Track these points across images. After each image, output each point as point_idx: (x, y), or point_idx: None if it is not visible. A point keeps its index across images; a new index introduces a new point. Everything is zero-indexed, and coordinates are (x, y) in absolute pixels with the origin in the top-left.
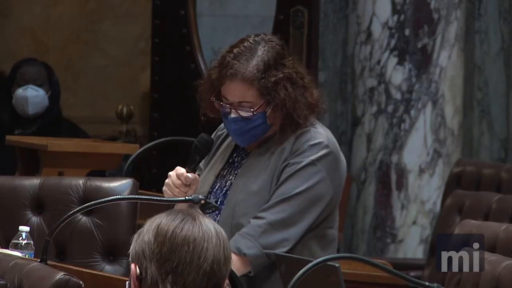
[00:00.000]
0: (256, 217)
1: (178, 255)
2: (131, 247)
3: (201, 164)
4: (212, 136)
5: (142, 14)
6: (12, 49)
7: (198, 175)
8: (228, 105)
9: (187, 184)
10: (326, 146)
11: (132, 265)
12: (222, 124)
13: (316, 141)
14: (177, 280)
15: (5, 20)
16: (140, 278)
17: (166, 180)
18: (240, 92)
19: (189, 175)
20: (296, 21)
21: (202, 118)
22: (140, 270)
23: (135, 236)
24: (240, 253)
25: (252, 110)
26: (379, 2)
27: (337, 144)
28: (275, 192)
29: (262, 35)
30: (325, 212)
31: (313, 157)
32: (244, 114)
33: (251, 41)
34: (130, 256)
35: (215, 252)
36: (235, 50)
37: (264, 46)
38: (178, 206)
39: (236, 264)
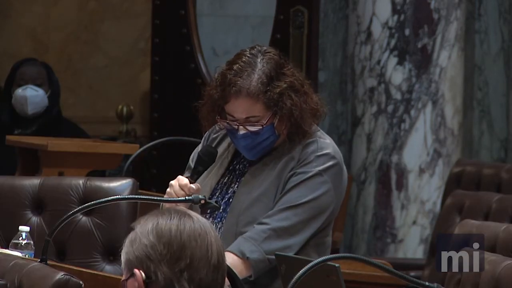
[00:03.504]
0: (261, 223)
1: (189, 252)
2: (126, 253)
3: (191, 164)
4: (205, 136)
5: (142, 14)
6: (12, 49)
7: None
8: (235, 122)
9: (190, 195)
10: (333, 157)
11: (136, 271)
12: (217, 126)
13: (323, 151)
14: (193, 276)
15: (5, 20)
16: (146, 282)
17: (168, 190)
18: (247, 108)
19: (193, 185)
20: (296, 21)
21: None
22: (146, 274)
23: (127, 243)
24: (243, 256)
25: (260, 123)
26: (379, 2)
27: (341, 154)
28: (281, 199)
29: (257, 47)
30: (326, 222)
31: (320, 168)
32: (252, 129)
33: (248, 55)
34: (127, 262)
35: (217, 244)
36: (235, 67)
37: (263, 59)
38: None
39: (238, 267)
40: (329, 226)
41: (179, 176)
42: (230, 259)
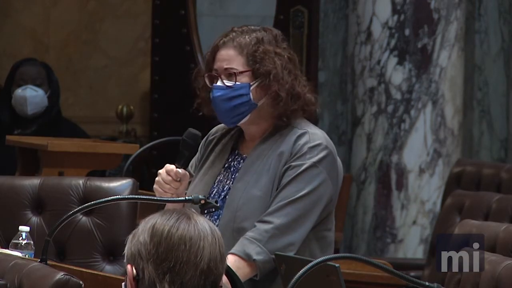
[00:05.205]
0: (262, 221)
1: (175, 254)
2: (126, 248)
3: (191, 170)
4: (203, 141)
5: (142, 14)
6: (12, 49)
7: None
8: (216, 74)
9: (177, 179)
10: (325, 148)
11: (128, 266)
12: (214, 129)
13: (315, 142)
14: (175, 279)
15: (5, 20)
16: (136, 279)
17: (156, 178)
18: (228, 58)
19: (179, 170)
20: (296, 21)
21: (197, 112)
22: (136, 271)
23: (130, 237)
24: (249, 259)
25: (236, 76)
26: (379, 2)
27: (333, 144)
28: (278, 195)
29: (260, 26)
30: (324, 212)
31: (314, 159)
32: (228, 83)
33: (250, 26)
34: (126, 257)
35: (211, 250)
36: (234, 29)
37: (260, 31)
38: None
39: (244, 269)
40: (330, 218)
41: (166, 164)
42: (236, 261)
